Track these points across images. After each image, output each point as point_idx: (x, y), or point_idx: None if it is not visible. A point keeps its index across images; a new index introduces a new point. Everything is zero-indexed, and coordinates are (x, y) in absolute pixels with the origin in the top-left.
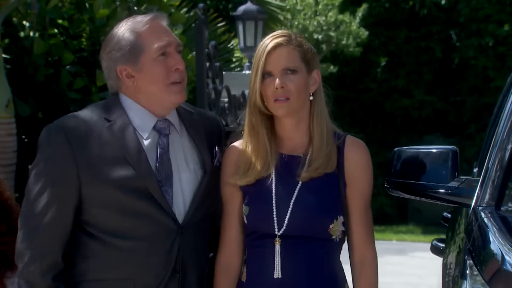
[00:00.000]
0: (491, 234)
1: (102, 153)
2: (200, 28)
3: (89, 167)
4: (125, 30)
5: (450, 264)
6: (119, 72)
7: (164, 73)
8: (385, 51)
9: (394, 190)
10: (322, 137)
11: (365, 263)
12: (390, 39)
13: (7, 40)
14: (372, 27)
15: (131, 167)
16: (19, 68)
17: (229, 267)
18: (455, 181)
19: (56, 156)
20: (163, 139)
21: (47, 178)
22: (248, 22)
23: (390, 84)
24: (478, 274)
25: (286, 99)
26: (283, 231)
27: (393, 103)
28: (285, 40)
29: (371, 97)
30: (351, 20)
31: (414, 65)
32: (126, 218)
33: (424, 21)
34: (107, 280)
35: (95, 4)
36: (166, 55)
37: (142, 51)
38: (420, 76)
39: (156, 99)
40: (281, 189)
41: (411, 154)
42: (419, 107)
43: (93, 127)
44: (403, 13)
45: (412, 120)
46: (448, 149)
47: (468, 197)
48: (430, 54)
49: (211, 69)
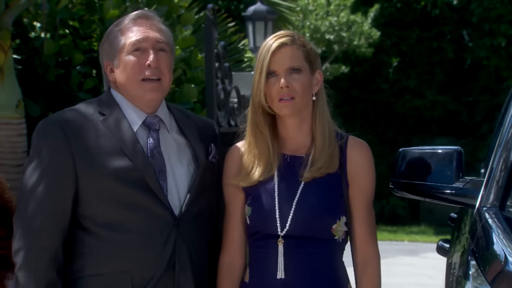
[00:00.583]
0: (495, 235)
1: (98, 146)
2: (209, 28)
3: (85, 159)
4: (113, 27)
5: (454, 264)
6: (105, 67)
7: (136, 69)
8: (397, 52)
9: (399, 190)
10: (325, 138)
11: (367, 263)
12: (402, 39)
13: (18, 40)
14: (384, 27)
15: (127, 159)
16: (30, 69)
17: (232, 268)
18: (460, 182)
19: (52, 149)
20: (153, 134)
21: (43, 170)
22: (258, 23)
23: (402, 85)
24: (481, 275)
25: (291, 99)
26: (286, 232)
27: (405, 103)
28: (289, 40)
29: (383, 98)
30: (363, 20)
31: (426, 65)
32: (122, 210)
33: (436, 21)
34: (104, 275)
35: (105, 5)
36: (141, 50)
37: (120, 47)
38: (432, 77)
39: (134, 95)
40: (283, 189)
41: (416, 154)
42: (431, 108)
43: (88, 120)
44: (415, 13)
45: (424, 120)
46: (452, 149)
47: (473, 198)
48: (442, 55)
49: (220, 70)
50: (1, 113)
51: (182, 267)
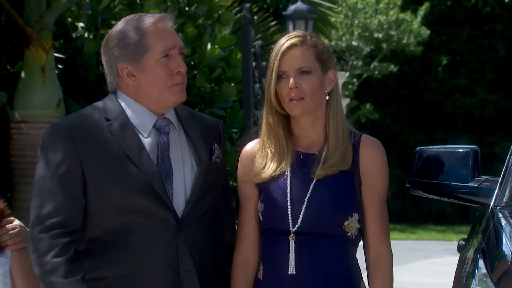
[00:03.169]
0: (505, 235)
1: (104, 151)
2: (246, 27)
3: (92, 164)
4: (130, 29)
5: (466, 261)
6: (119, 69)
7: (166, 75)
8: (447, 50)
9: (415, 189)
10: (338, 136)
11: (380, 261)
12: (452, 38)
13: (62, 40)
14: (433, 25)
15: (133, 165)
16: (71, 68)
17: (246, 264)
18: (475, 181)
19: (62, 152)
20: (163, 137)
21: (54, 172)
22: (298, 22)
23: (452, 83)
24: (488, 274)
25: (301, 99)
26: (298, 228)
27: (454, 102)
28: (299, 41)
29: (432, 96)
30: (412, 18)
31: (476, 63)
32: (126, 214)
33: (487, 19)
34: (108, 278)
35: (146, 5)
36: (169, 57)
37: (146, 51)
38: (482, 75)
39: (156, 98)
40: (296, 186)
41: (432, 153)
42: (481, 106)
43: (94, 125)
44: (465, 11)
45: (474, 119)
46: (469, 148)
47: (488, 197)
48: (493, 53)
49: (257, 69)
50: (42, 112)
51: (186, 269)
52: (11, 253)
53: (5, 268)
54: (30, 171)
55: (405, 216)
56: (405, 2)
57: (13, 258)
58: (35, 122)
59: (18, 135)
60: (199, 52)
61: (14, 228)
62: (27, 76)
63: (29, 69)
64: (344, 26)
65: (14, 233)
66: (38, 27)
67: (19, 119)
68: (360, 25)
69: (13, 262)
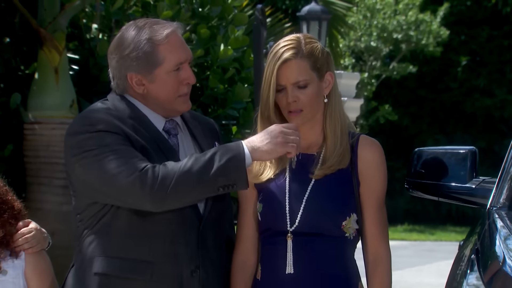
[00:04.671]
0: (498, 236)
1: (138, 139)
2: (257, 28)
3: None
4: (144, 40)
5: (460, 260)
6: (129, 78)
7: (176, 87)
8: (467, 50)
9: (414, 190)
10: (336, 137)
11: (378, 262)
12: (472, 38)
13: (76, 42)
14: (453, 25)
15: (164, 156)
16: (85, 69)
17: (245, 265)
18: (473, 182)
19: (108, 126)
20: (173, 139)
21: (115, 139)
22: (312, 23)
23: (471, 84)
24: (479, 275)
25: (300, 111)
26: (295, 228)
27: (474, 102)
28: (293, 54)
29: (451, 97)
30: (432, 19)
31: (496, 64)
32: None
33: (507, 19)
34: (127, 259)
35: (159, 6)
36: (180, 68)
37: (159, 64)
38: (502, 75)
39: (164, 107)
40: (294, 186)
41: (431, 154)
42: (501, 107)
43: (118, 117)
44: (485, 11)
45: (494, 120)
46: (467, 149)
47: (485, 198)
48: None
49: None
50: (56, 113)
51: (206, 270)
52: (25, 256)
53: (17, 271)
54: (43, 172)
55: (424, 217)
56: (424, 2)
57: (27, 260)
58: (49, 123)
59: (31, 136)
60: (212, 53)
61: (30, 231)
62: (40, 77)
63: (42, 70)
64: (362, 27)
65: (30, 237)
66: (52, 28)
67: (33, 120)
68: (378, 25)
69: (27, 264)
